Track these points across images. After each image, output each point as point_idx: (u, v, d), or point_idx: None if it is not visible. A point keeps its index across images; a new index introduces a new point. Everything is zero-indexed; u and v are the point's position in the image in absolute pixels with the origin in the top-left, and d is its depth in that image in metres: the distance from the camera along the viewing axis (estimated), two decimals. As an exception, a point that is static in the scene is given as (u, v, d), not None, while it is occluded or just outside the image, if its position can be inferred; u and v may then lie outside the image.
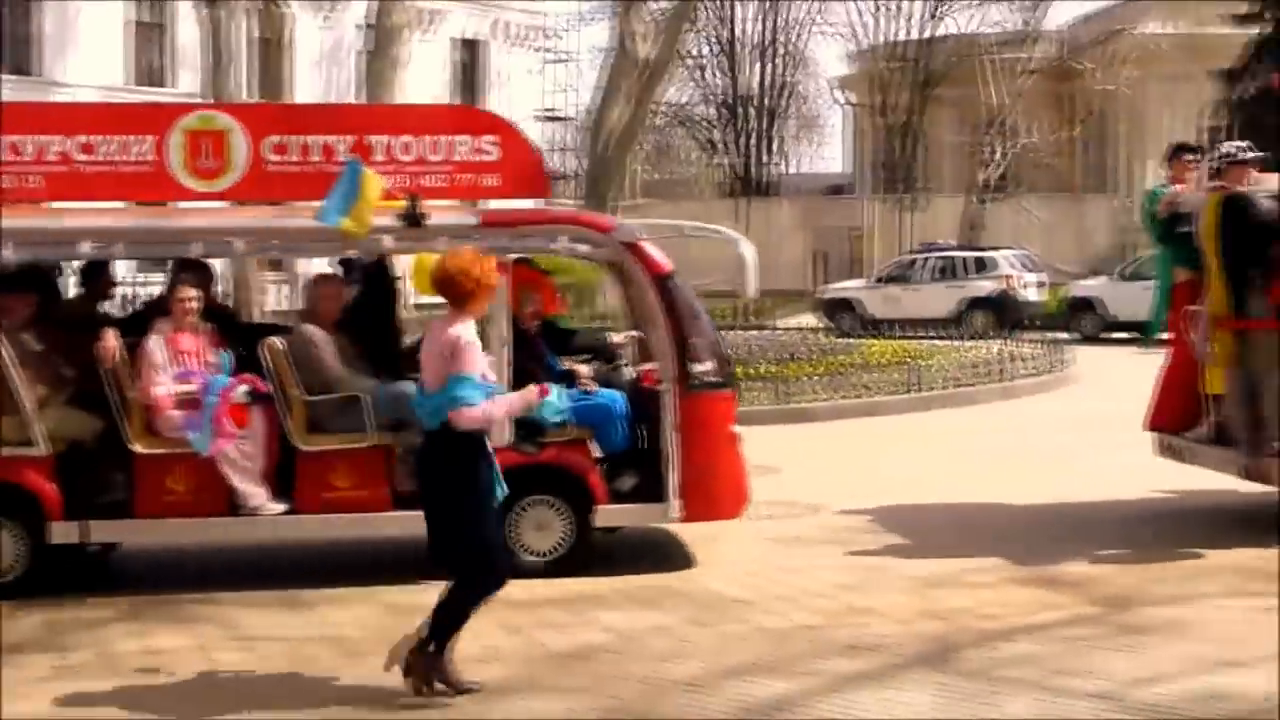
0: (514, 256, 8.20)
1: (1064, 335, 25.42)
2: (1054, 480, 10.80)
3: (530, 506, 7.99)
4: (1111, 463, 10.98)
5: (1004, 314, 28.29)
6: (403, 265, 9.50)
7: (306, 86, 33.56)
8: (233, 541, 8.41)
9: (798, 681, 6.00)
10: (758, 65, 49.23)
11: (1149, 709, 5.55)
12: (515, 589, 6.44)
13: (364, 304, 8.66)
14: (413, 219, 7.79)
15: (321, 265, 10.84)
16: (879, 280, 30.89)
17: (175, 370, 7.88)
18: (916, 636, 6.52)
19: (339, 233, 7.62)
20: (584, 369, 8.56)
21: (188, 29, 30.27)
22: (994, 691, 5.83)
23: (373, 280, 8.91)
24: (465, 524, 5.83)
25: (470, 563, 5.87)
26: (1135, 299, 27.57)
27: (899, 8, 46.43)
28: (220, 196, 8.39)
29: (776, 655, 6.40)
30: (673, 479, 7.99)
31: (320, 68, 36.52)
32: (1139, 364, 12.43)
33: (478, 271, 5.79)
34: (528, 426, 7.75)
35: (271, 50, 26.61)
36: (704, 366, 8.09)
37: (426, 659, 5.82)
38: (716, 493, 8.08)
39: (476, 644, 6.25)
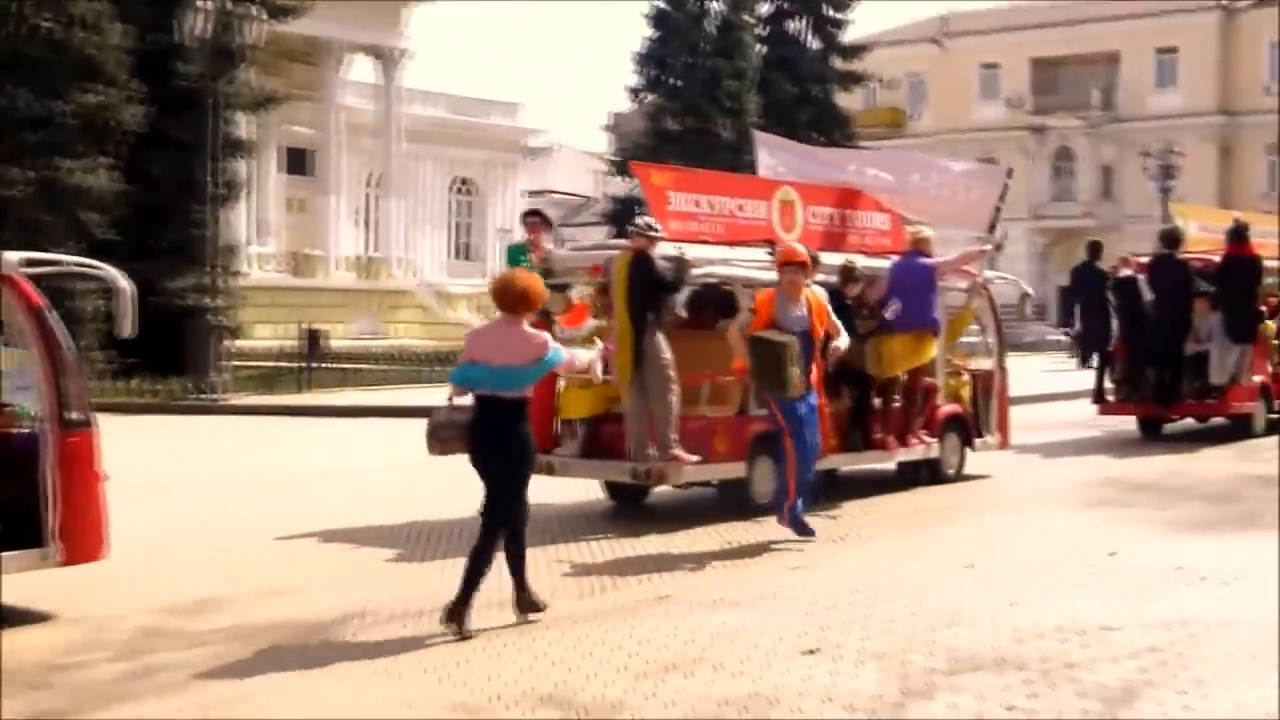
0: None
1: None
2: None
3: None
4: None
5: None
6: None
7: None
8: None
9: None
10: None
11: None
12: None
13: None
14: None
15: None
16: None
17: None
18: None
19: None
20: None
21: None
22: None
23: None
24: (524, 476, 8.90)
25: (522, 507, 8.96)
26: None
27: None
28: None
29: None
30: (53, 521, 8.95)
31: None
32: None
33: (539, 289, 8.87)
34: None
35: None
36: (76, 405, 9.13)
37: (522, 596, 9.08)
38: (91, 534, 9.25)
39: None
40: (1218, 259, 20.43)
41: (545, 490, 15.48)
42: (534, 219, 13.92)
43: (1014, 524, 12.80)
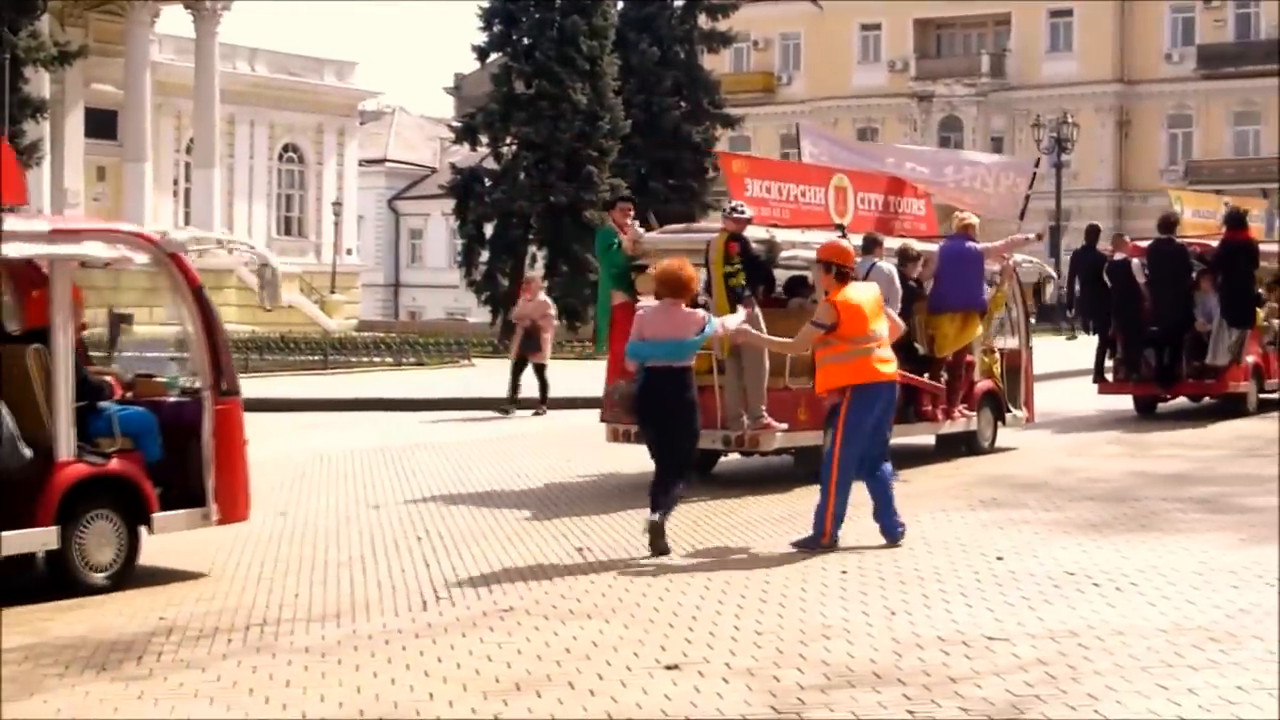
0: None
1: None
2: None
3: (94, 520, 10.35)
4: None
5: None
6: None
7: None
8: None
9: None
10: None
11: None
12: None
13: None
14: None
15: None
16: None
17: None
18: None
19: None
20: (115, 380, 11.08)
21: None
22: None
23: None
24: (695, 430, 11.92)
25: (691, 457, 12.23)
26: None
27: None
28: None
29: None
30: (210, 484, 10.87)
31: None
32: None
33: (697, 276, 12.10)
34: (89, 438, 10.38)
35: None
36: (228, 375, 11.06)
37: (659, 535, 11.67)
38: (241, 496, 11.23)
39: None
40: (1215, 244, 22.42)
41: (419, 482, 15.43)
42: (625, 203, 16.99)
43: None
